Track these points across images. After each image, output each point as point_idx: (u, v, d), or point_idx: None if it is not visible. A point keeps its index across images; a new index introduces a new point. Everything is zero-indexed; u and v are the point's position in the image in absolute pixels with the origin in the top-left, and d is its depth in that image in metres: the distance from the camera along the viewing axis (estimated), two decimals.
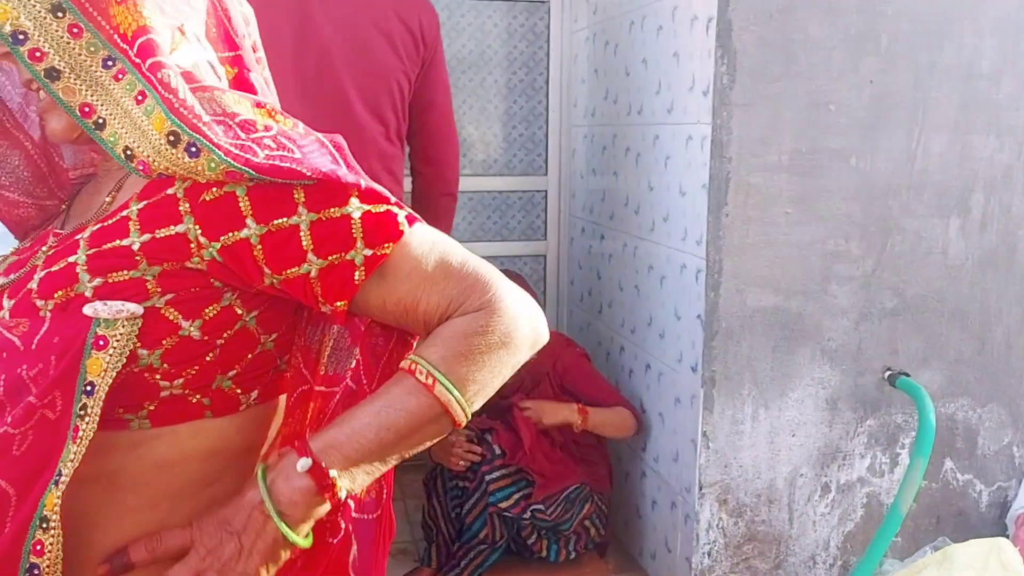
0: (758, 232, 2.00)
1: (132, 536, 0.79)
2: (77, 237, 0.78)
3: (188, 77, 0.78)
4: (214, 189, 0.76)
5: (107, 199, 0.83)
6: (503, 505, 2.29)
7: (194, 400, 0.78)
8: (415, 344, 0.88)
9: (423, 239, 0.81)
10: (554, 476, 2.34)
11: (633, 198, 2.51)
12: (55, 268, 0.76)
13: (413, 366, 0.80)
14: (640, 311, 2.49)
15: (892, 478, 2.19)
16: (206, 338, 0.78)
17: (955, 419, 2.20)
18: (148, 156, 0.75)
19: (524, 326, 0.83)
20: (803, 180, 1.99)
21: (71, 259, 0.76)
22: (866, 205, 2.04)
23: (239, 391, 0.81)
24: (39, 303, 0.75)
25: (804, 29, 1.92)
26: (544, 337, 0.86)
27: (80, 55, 0.74)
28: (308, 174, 0.75)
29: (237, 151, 0.75)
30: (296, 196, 0.76)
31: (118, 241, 0.76)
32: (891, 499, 2.17)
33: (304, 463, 0.76)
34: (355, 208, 0.77)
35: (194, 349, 0.77)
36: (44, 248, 0.81)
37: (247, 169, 0.74)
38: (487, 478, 2.28)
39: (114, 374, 0.73)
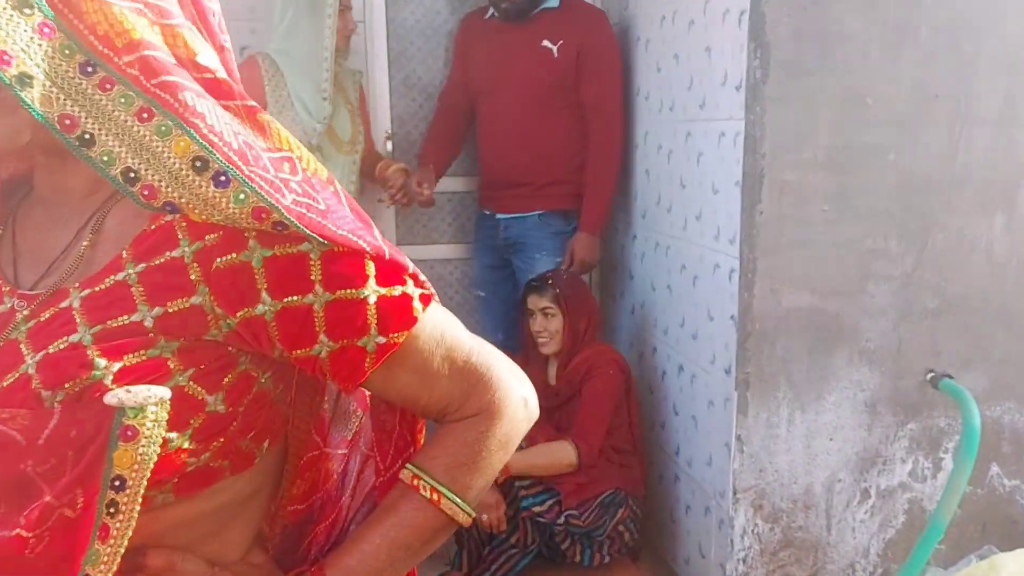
0: (793, 230, 1.95)
1: None
2: (65, 304, 0.69)
3: (217, 89, 0.71)
4: (229, 256, 0.68)
5: (84, 243, 0.71)
6: (536, 510, 2.26)
7: (215, 465, 0.73)
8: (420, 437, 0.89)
9: (433, 328, 0.78)
10: (588, 482, 2.31)
11: (665, 196, 2.47)
12: (54, 349, 0.67)
13: (416, 481, 0.80)
14: (672, 311, 2.44)
15: (935, 484, 2.12)
16: (230, 409, 0.72)
17: (1001, 422, 2.13)
18: (160, 181, 0.66)
19: (522, 422, 0.84)
20: (840, 177, 1.94)
21: (73, 339, 0.67)
22: (906, 202, 1.97)
23: (255, 447, 0.77)
24: (45, 394, 0.66)
25: (840, 21, 1.87)
26: (535, 416, 0.86)
27: (54, 58, 0.64)
28: (339, 234, 0.70)
29: (268, 187, 0.68)
30: (313, 274, 0.70)
31: (126, 317, 0.68)
32: (934, 505, 2.10)
33: None
34: (372, 291, 0.72)
35: (221, 422, 0.71)
36: (18, 316, 0.70)
37: (278, 208, 0.67)
38: (517, 483, 2.26)
39: (150, 465, 0.66)
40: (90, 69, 0.65)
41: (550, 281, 2.45)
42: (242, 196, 0.66)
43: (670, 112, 2.40)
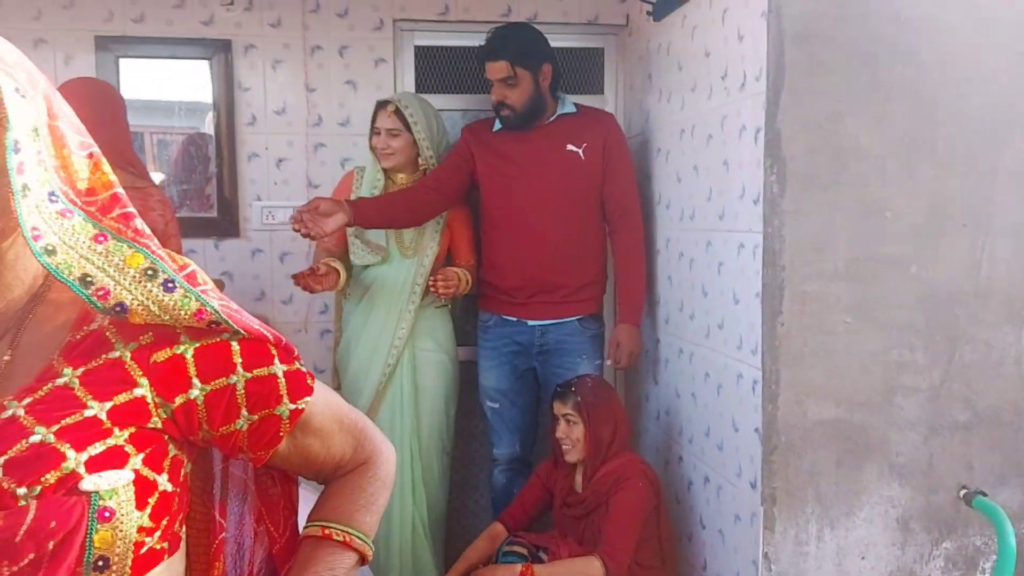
0: (816, 341, 1.93)
1: None
2: (7, 415, 0.75)
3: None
4: (164, 351, 0.80)
5: (6, 357, 0.79)
6: None
7: (158, 547, 0.81)
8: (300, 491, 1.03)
9: (322, 395, 0.93)
10: None
11: (688, 303, 2.48)
12: (15, 452, 0.73)
13: (327, 530, 0.95)
14: (698, 420, 2.41)
15: None
16: (174, 489, 0.82)
17: None
18: (115, 286, 0.77)
19: (393, 465, 1.01)
20: (861, 288, 1.93)
21: (34, 440, 0.73)
22: (930, 314, 1.96)
23: (180, 529, 0.86)
24: (21, 491, 0.71)
25: (854, 137, 1.90)
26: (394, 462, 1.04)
27: (39, 182, 0.76)
28: (255, 328, 0.84)
29: (201, 294, 0.81)
30: (234, 358, 0.83)
31: (81, 413, 0.76)
32: None
33: None
34: (279, 367, 0.87)
35: (169, 501, 0.81)
36: None
37: (217, 309, 0.81)
38: None
39: (132, 540, 0.75)
40: (53, 198, 0.77)
41: (573, 388, 2.44)
42: (187, 300, 0.79)
43: (691, 221, 2.43)
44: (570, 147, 2.67)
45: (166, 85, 3.02)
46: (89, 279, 0.76)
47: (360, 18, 2.95)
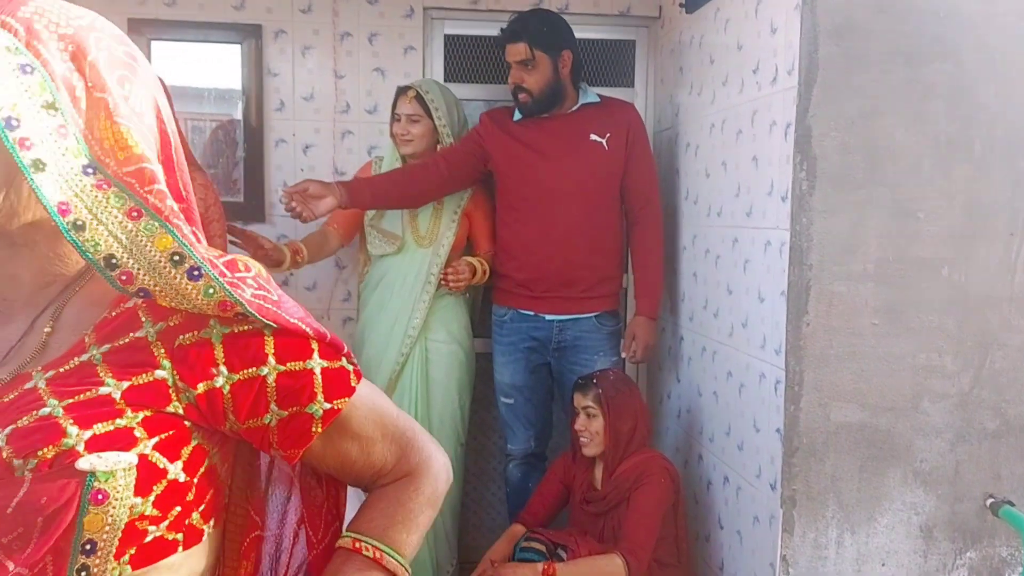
0: (842, 343, 1.89)
1: None
2: (30, 386, 0.74)
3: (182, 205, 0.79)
4: (191, 333, 0.77)
5: (46, 330, 0.78)
6: None
7: (170, 538, 0.77)
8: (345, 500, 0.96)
9: (367, 397, 0.87)
10: None
11: (712, 301, 2.44)
12: (25, 423, 0.71)
13: (358, 544, 0.88)
14: (719, 419, 2.38)
15: None
16: (188, 479, 0.77)
17: None
18: (139, 270, 0.73)
19: (444, 483, 0.94)
20: (891, 290, 1.89)
21: (43, 412, 0.72)
22: (961, 318, 1.91)
23: (204, 523, 0.81)
24: (16, 463, 0.69)
25: (889, 135, 1.86)
26: (451, 479, 0.96)
27: (64, 155, 0.72)
28: (292, 321, 0.79)
29: (230, 285, 0.77)
30: (267, 348, 0.79)
31: (95, 390, 0.73)
32: None
33: None
34: (317, 363, 0.81)
35: (179, 491, 0.77)
36: None
37: (241, 301, 0.76)
38: None
39: (121, 527, 0.71)
40: (89, 171, 0.73)
41: (595, 381, 2.42)
42: (211, 290, 0.75)
43: (718, 217, 2.39)
44: (594, 137, 2.64)
45: (197, 71, 3.03)
46: (114, 261, 0.73)
47: (390, 5, 2.94)
